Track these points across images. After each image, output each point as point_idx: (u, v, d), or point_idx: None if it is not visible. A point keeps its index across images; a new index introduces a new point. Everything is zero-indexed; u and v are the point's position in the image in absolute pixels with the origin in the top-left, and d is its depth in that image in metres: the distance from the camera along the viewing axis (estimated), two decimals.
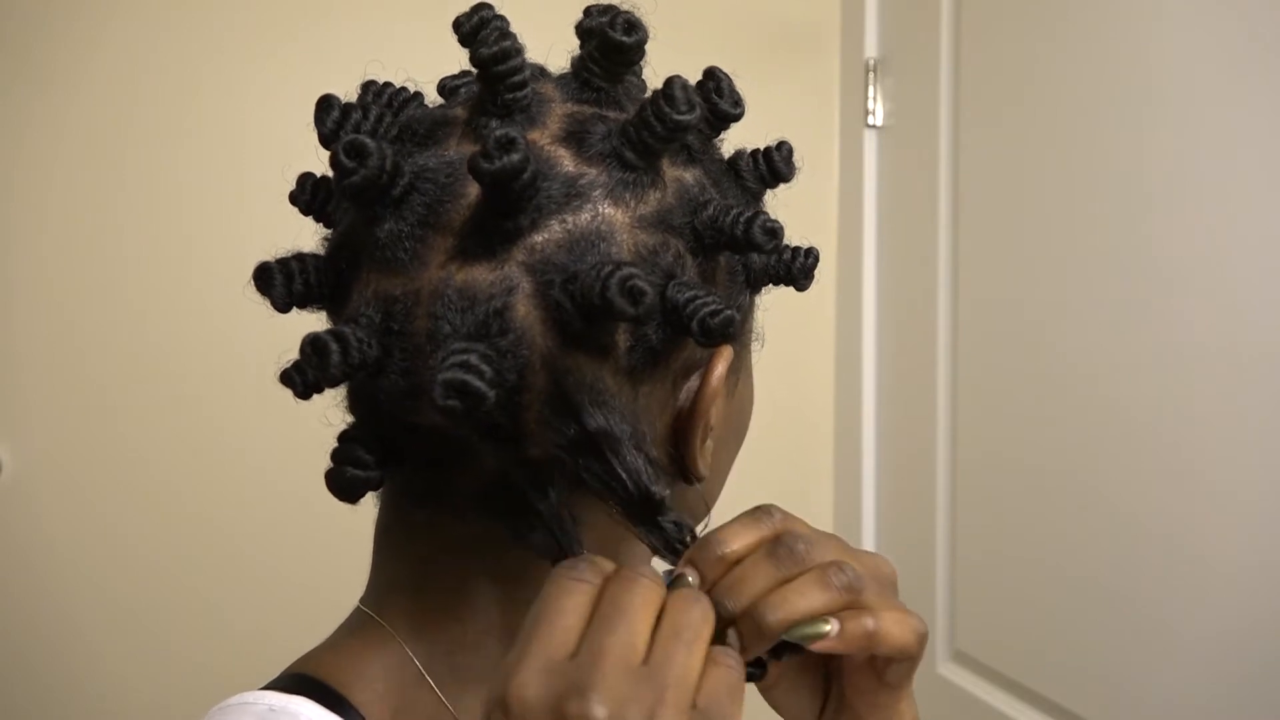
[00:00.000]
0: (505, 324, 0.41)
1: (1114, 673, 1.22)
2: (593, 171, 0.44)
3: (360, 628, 0.49)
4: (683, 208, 0.46)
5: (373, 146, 0.41)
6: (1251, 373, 1.07)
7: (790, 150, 0.53)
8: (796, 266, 0.53)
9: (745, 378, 0.53)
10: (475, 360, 0.39)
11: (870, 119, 1.64)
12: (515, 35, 0.44)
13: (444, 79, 0.52)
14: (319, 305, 0.47)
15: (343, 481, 0.44)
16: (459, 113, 0.46)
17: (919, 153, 1.55)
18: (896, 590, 0.45)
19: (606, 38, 0.45)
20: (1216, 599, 1.10)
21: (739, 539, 0.43)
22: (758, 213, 0.45)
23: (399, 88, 0.49)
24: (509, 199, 0.41)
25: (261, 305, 0.46)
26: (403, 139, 0.46)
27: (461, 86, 0.50)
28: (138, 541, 1.42)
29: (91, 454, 1.41)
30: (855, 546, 0.45)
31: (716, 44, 1.59)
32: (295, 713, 0.45)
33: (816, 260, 0.54)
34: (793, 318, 1.63)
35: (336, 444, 0.45)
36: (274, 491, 1.44)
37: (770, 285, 0.53)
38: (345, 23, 1.46)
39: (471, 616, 0.48)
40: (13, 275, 1.38)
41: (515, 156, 0.40)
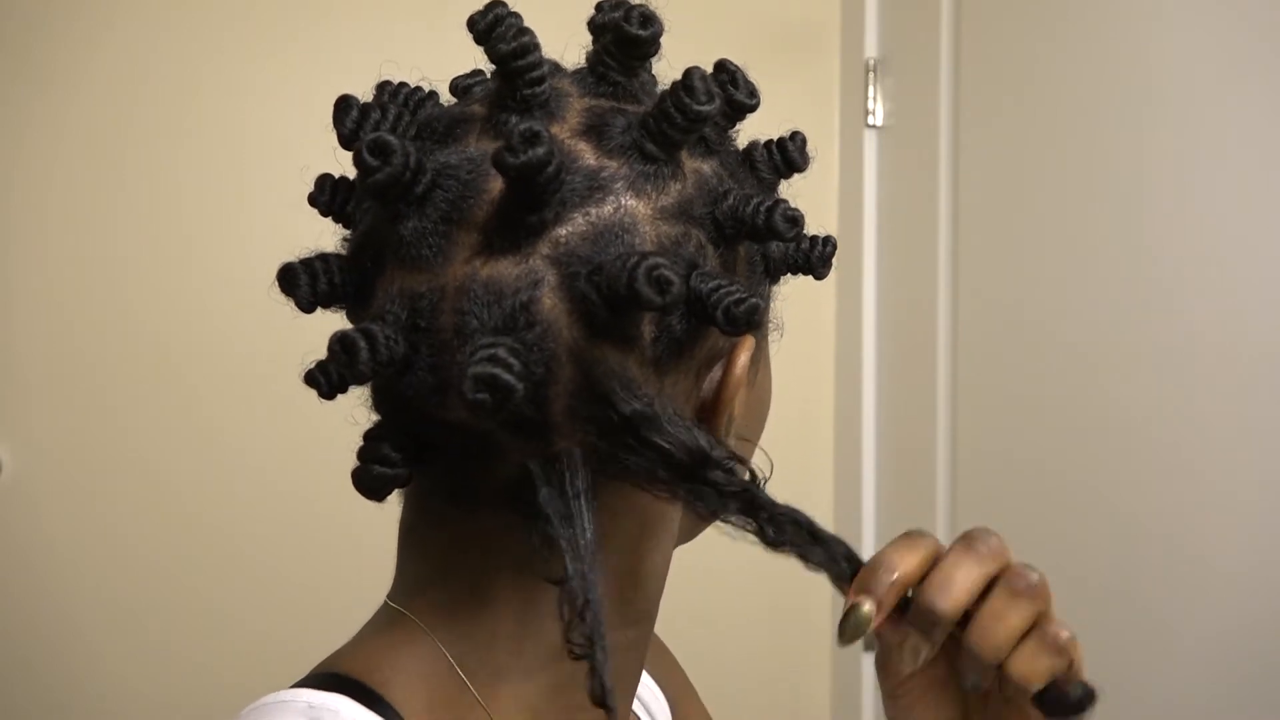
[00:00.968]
0: (532, 317, 0.41)
1: (1114, 672, 1.21)
2: (614, 164, 0.44)
3: (390, 624, 0.49)
4: (703, 198, 0.46)
5: (396, 144, 0.41)
6: (1252, 373, 1.07)
7: (804, 140, 0.53)
8: (815, 255, 0.53)
9: (765, 368, 0.53)
10: (503, 354, 0.39)
11: (870, 119, 1.64)
12: (531, 31, 0.44)
13: (456, 78, 0.52)
14: (341, 305, 0.47)
15: (370, 480, 0.44)
16: (477, 109, 0.46)
17: (919, 153, 1.55)
18: None
19: (622, 31, 0.45)
20: (1216, 599, 1.10)
21: (905, 562, 0.43)
22: (778, 201, 0.45)
23: (414, 87, 0.49)
24: (533, 193, 0.41)
25: (262, 306, 0.46)
26: (422, 137, 0.46)
27: (475, 85, 0.51)
28: (138, 541, 1.41)
29: (91, 454, 1.41)
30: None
31: (716, 44, 1.58)
32: (335, 709, 0.44)
33: (834, 249, 0.54)
34: (793, 317, 1.62)
35: (362, 443, 0.45)
36: (274, 491, 1.44)
37: (788, 275, 0.53)
38: (345, 23, 1.45)
39: (501, 611, 0.47)
40: (13, 275, 1.38)
41: (540, 150, 0.40)
